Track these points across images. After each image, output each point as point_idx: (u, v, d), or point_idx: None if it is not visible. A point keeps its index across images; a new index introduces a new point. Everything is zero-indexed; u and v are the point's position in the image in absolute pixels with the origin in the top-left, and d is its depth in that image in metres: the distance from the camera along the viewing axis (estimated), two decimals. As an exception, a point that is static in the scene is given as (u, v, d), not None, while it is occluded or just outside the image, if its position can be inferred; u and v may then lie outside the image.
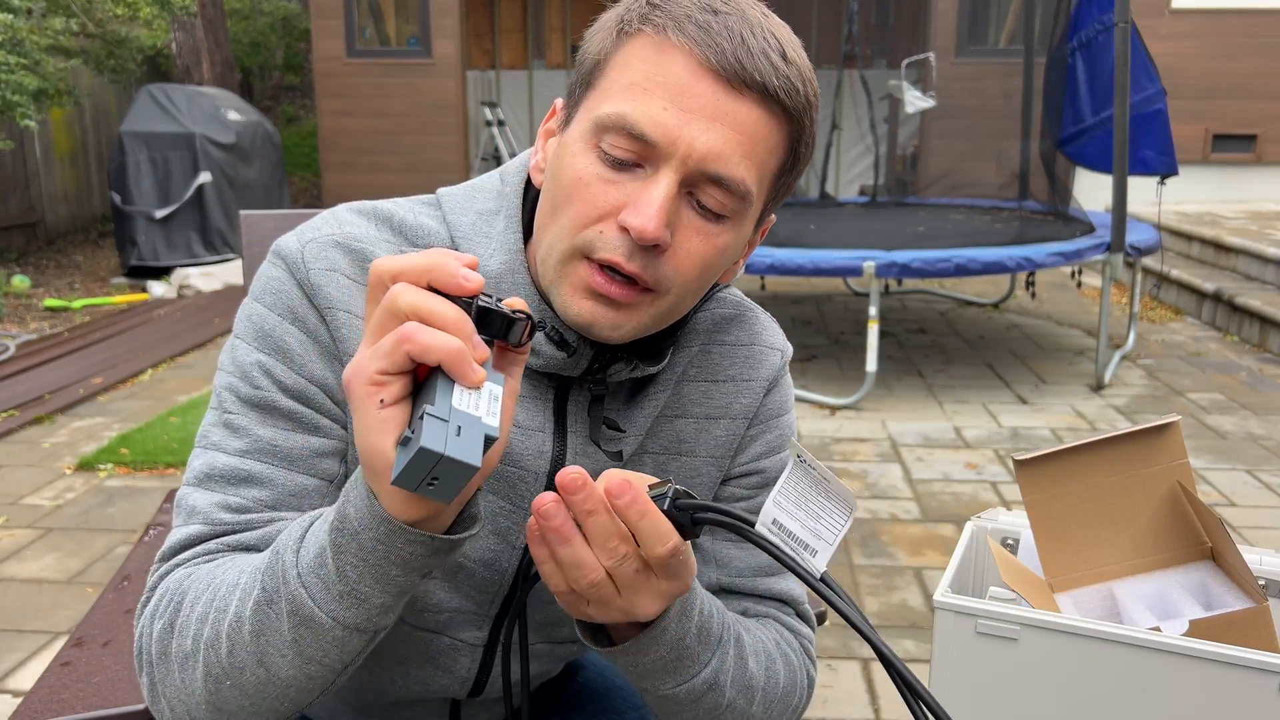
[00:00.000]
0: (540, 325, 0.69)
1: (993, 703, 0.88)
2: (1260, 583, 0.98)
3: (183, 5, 8.16)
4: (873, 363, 4.62)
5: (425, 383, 0.62)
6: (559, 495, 0.68)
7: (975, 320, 6.52)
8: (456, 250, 0.86)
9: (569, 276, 0.79)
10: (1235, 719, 0.80)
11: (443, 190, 0.92)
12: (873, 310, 4.57)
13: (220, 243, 7.51)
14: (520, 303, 0.66)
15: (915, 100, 6.40)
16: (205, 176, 7.39)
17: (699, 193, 0.78)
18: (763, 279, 6.64)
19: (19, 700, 2.39)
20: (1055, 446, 0.98)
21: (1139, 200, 5.61)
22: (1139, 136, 4.98)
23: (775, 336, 0.99)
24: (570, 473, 0.67)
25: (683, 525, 0.68)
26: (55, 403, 4.65)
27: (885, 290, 7.06)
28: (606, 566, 0.68)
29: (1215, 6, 8.87)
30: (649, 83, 0.76)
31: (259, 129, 8.17)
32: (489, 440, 0.61)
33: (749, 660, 0.86)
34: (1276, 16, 8.88)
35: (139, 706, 1.10)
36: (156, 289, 7.15)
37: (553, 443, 0.87)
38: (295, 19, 13.19)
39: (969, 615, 0.87)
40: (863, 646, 2.63)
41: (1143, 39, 4.98)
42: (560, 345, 0.83)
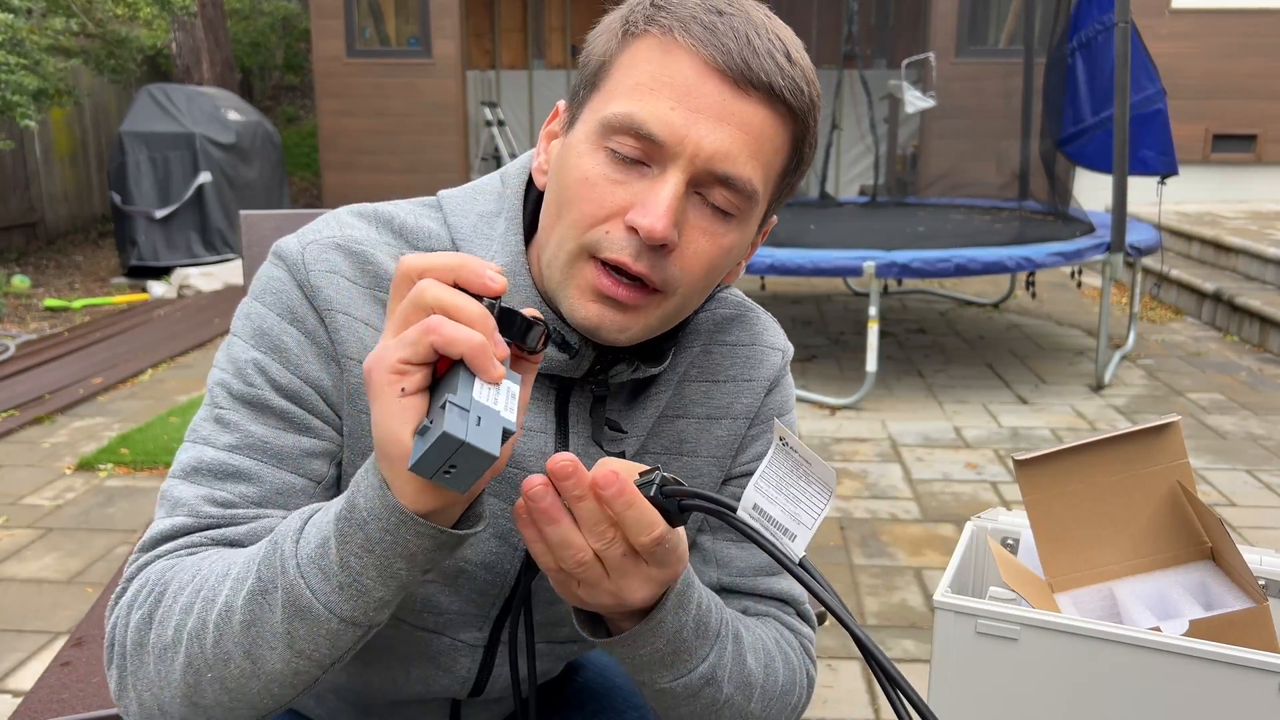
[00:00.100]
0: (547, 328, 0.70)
1: (993, 703, 0.88)
2: (1260, 583, 0.98)
3: (183, 5, 8.16)
4: (873, 363, 4.62)
5: (443, 379, 0.64)
6: (547, 479, 0.68)
7: (975, 320, 6.52)
8: (458, 252, 0.86)
9: (576, 278, 0.79)
10: (1235, 719, 0.80)
11: (443, 192, 0.92)
12: (873, 310, 4.57)
13: (220, 243, 7.51)
14: (534, 312, 0.67)
15: (915, 100, 6.40)
16: (205, 176, 7.39)
17: (706, 193, 0.78)
18: (763, 279, 6.64)
19: (19, 700, 2.39)
20: (1055, 446, 0.98)
21: (1139, 200, 5.61)
22: (1139, 136, 4.98)
23: (776, 336, 0.99)
24: (560, 459, 0.67)
25: (669, 512, 0.69)
26: (55, 403, 4.65)
27: (885, 290, 7.06)
28: (595, 549, 0.69)
29: (1215, 6, 8.87)
30: (656, 83, 0.76)
31: (259, 129, 8.17)
32: (506, 434, 0.62)
33: (747, 657, 0.86)
34: (1276, 16, 8.88)
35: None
36: (156, 289, 7.15)
37: (554, 444, 0.87)
38: (295, 19, 13.20)
39: (969, 615, 0.87)
40: (863, 646, 2.63)
41: (1142, 39, 4.98)
42: (562, 346, 0.83)
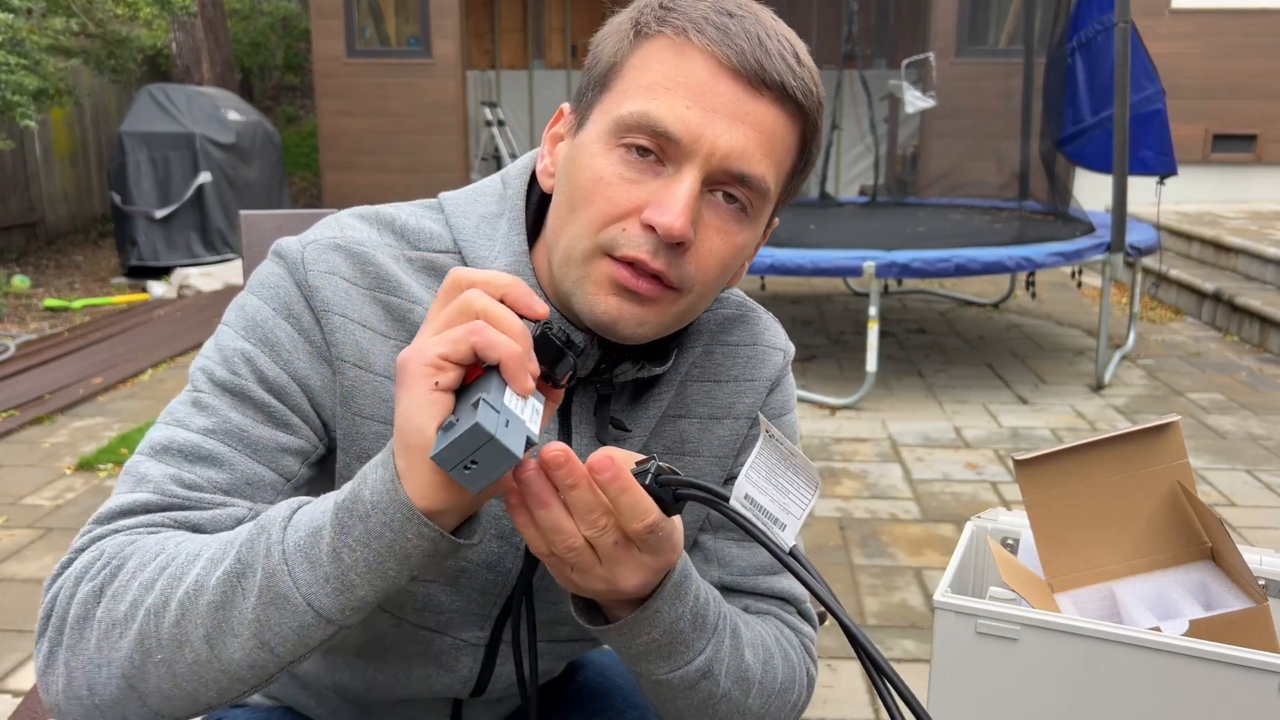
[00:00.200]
0: (547, 325, 0.71)
1: (993, 703, 0.88)
2: (1260, 583, 0.98)
3: (183, 5, 8.17)
4: (873, 363, 4.62)
5: (470, 387, 0.65)
6: (539, 465, 0.69)
7: (975, 320, 6.52)
8: (460, 253, 0.87)
9: (593, 274, 0.79)
10: (1235, 719, 0.80)
11: (444, 195, 0.92)
12: (873, 310, 4.57)
13: (220, 243, 7.51)
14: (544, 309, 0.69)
15: (915, 100, 6.40)
16: (205, 176, 7.39)
17: (720, 192, 0.79)
18: (763, 279, 6.64)
19: (19, 700, 2.39)
20: (1055, 446, 0.98)
21: (1139, 200, 5.61)
22: (1138, 137, 4.98)
23: (777, 337, 0.99)
24: (553, 448, 0.67)
25: (664, 500, 0.70)
26: (55, 403, 4.65)
27: (885, 290, 7.06)
28: (587, 536, 0.69)
29: (1215, 6, 8.87)
30: (670, 83, 0.77)
31: (259, 129, 8.17)
32: (529, 443, 0.63)
33: (745, 652, 0.86)
34: (1276, 16, 8.88)
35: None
36: (156, 289, 7.15)
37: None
38: (295, 19, 13.20)
39: (969, 615, 0.87)
40: (863, 646, 2.64)
41: (1142, 39, 4.98)
42: (567, 345, 0.83)
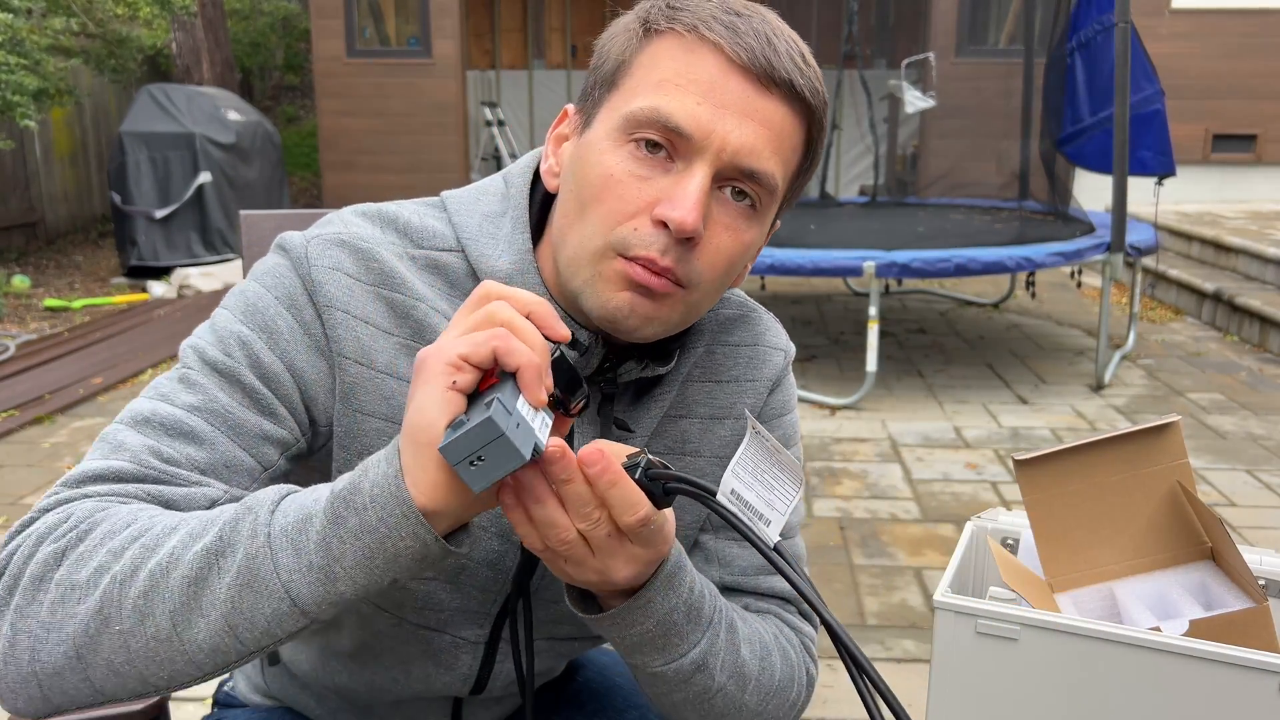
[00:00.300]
0: (564, 352, 0.71)
1: (993, 703, 0.88)
2: (1260, 583, 0.98)
3: (183, 5, 8.17)
4: (873, 363, 4.62)
5: (483, 394, 0.66)
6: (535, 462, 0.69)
7: (975, 320, 6.52)
8: (464, 251, 0.87)
9: (604, 272, 0.79)
10: (1235, 719, 0.80)
11: (447, 193, 0.93)
12: (873, 310, 4.57)
13: (220, 243, 7.51)
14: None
15: (915, 100, 6.40)
16: (205, 176, 7.39)
17: (729, 188, 0.79)
18: (763, 279, 6.64)
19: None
20: (1055, 446, 0.98)
21: (1139, 200, 5.61)
22: (1137, 137, 4.98)
23: (778, 337, 1.00)
24: (550, 444, 0.68)
25: (654, 495, 0.70)
26: (55, 403, 4.65)
27: (885, 290, 7.06)
28: (581, 529, 0.69)
29: (1215, 6, 8.87)
30: (680, 79, 0.77)
31: (259, 129, 8.17)
32: (535, 451, 0.64)
33: (741, 647, 0.86)
34: (1276, 16, 8.88)
35: (138, 706, 1.10)
36: (156, 289, 7.15)
37: (560, 442, 0.87)
38: (295, 19, 13.20)
39: (969, 615, 0.86)
40: (863, 648, 2.64)
41: (1141, 39, 4.98)
42: (571, 344, 0.83)
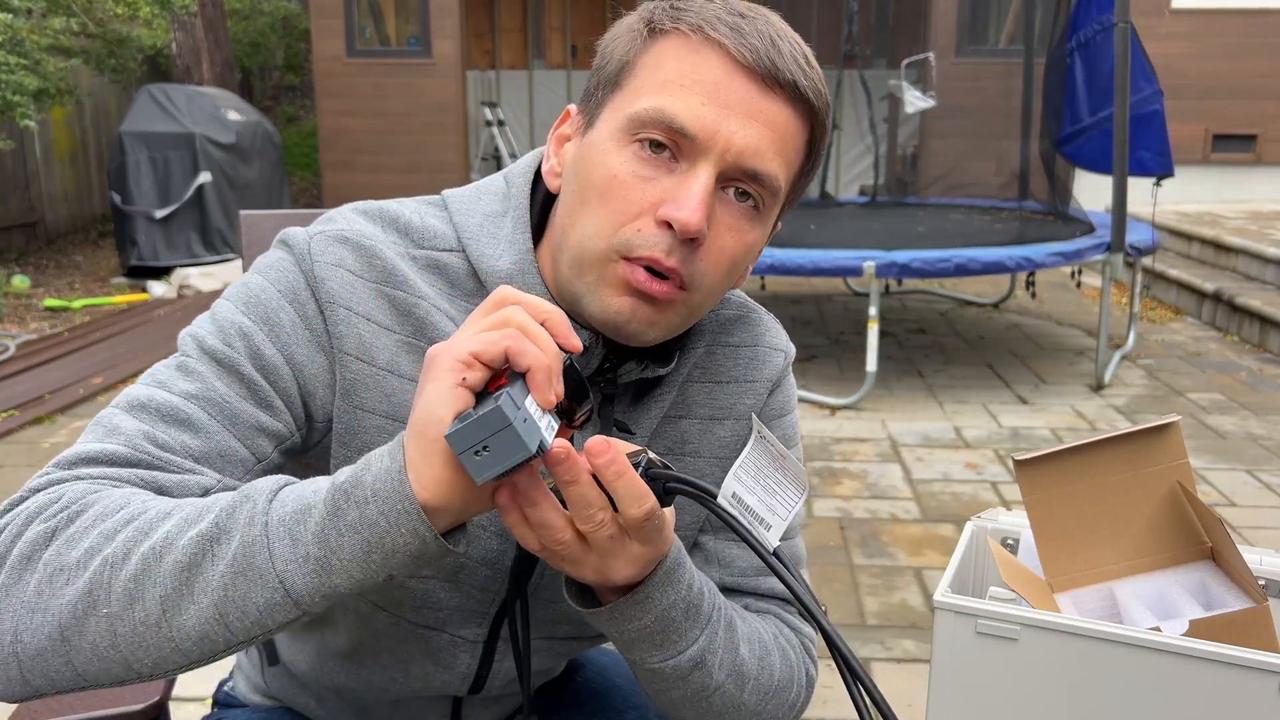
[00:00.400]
0: (573, 363, 0.71)
1: (993, 703, 0.88)
2: (1260, 583, 0.98)
3: (183, 5, 8.17)
4: (873, 363, 4.62)
5: (491, 394, 0.66)
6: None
7: (975, 320, 6.52)
8: (465, 251, 0.87)
9: (607, 275, 0.79)
10: (1235, 719, 0.80)
11: (448, 192, 0.92)
12: (873, 310, 4.57)
13: (220, 243, 7.51)
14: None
15: (915, 100, 6.40)
16: (205, 176, 7.39)
17: (733, 188, 0.79)
18: (763, 279, 6.64)
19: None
20: (1055, 446, 0.98)
21: (1138, 200, 5.61)
22: (1136, 137, 4.97)
23: (778, 338, 0.99)
24: (555, 444, 0.68)
25: (655, 494, 0.70)
26: (55, 403, 4.65)
27: (885, 290, 7.06)
28: (584, 531, 0.69)
29: (1215, 6, 8.86)
30: (685, 79, 0.77)
31: (259, 129, 8.17)
32: (540, 448, 0.65)
33: (740, 646, 0.86)
34: (1276, 16, 8.88)
35: (138, 706, 1.10)
36: (156, 289, 7.15)
37: (559, 443, 0.87)
38: (295, 19, 13.20)
39: (969, 615, 0.86)
40: (863, 648, 2.64)
41: (1140, 40, 4.98)
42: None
